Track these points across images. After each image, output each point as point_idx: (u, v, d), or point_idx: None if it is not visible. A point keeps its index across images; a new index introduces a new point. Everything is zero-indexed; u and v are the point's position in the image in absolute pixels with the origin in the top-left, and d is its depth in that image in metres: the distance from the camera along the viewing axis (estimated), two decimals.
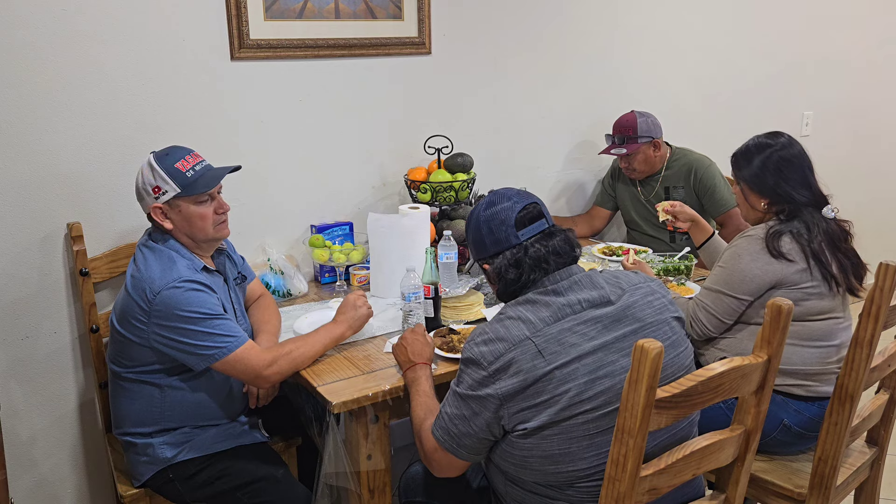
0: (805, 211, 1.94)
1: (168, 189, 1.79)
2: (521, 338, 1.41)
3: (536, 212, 1.54)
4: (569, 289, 1.47)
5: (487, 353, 1.41)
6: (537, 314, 1.44)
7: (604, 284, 1.49)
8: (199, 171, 1.82)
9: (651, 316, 1.48)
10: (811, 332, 1.91)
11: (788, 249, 1.89)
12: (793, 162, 1.98)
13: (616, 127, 2.89)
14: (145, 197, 1.82)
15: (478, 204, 1.60)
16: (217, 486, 1.84)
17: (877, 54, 4.08)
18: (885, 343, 1.85)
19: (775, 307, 1.42)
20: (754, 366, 1.41)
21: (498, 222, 1.53)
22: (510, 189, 1.60)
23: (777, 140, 2.02)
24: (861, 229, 2.67)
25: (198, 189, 1.81)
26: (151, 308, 1.72)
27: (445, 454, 1.51)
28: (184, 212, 1.81)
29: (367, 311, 1.96)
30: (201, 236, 1.85)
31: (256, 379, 1.79)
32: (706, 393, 1.34)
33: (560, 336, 1.40)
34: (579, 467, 1.40)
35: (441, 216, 2.61)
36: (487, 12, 2.80)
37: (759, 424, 1.50)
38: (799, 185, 1.96)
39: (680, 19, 3.32)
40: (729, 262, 1.96)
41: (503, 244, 1.52)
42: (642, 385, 1.21)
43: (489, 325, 1.46)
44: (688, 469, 1.40)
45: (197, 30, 2.26)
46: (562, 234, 1.53)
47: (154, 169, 1.79)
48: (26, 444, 2.21)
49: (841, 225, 1.96)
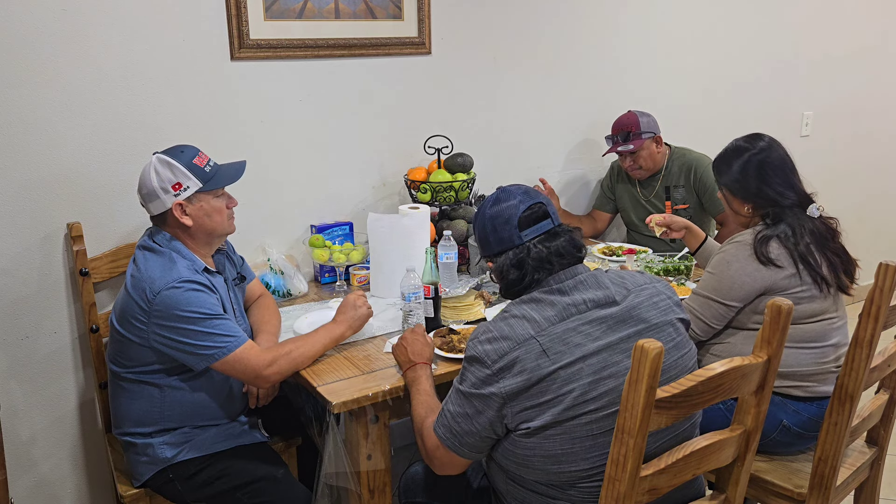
0: (790, 212, 1.92)
1: (190, 185, 1.80)
2: (525, 336, 1.40)
3: (542, 212, 1.53)
4: (574, 288, 1.47)
5: (491, 352, 1.41)
6: (542, 313, 1.43)
7: (609, 284, 1.49)
8: (214, 167, 1.86)
9: (656, 317, 1.48)
10: (805, 334, 1.90)
11: (777, 255, 1.87)
12: (773, 165, 1.95)
13: (617, 126, 2.89)
14: (161, 196, 1.80)
15: (484, 200, 1.60)
16: (217, 486, 1.84)
17: (877, 54, 4.08)
18: (885, 343, 1.85)
19: (775, 307, 1.42)
20: (754, 366, 1.41)
21: (502, 221, 1.52)
22: (518, 187, 1.59)
23: (756, 143, 2.00)
24: (861, 229, 2.68)
25: (220, 183, 1.85)
26: (151, 308, 1.72)
27: (447, 452, 1.51)
28: (204, 207, 1.83)
29: (367, 311, 1.96)
30: (219, 230, 1.88)
31: (256, 379, 1.79)
32: (706, 393, 1.34)
33: (565, 336, 1.40)
34: (582, 467, 1.40)
35: (441, 216, 2.61)
36: (487, 12, 2.80)
37: (760, 424, 1.50)
38: (781, 187, 1.94)
39: (680, 19, 3.32)
40: (718, 269, 1.95)
41: (506, 243, 1.52)
42: (642, 385, 1.21)
43: (493, 323, 1.46)
44: (688, 469, 1.40)
45: (197, 30, 2.26)
46: (566, 235, 1.52)
47: (172, 166, 1.80)
48: (26, 444, 2.21)
49: (827, 223, 1.95)
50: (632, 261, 2.56)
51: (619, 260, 2.65)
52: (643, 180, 2.98)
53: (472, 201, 2.69)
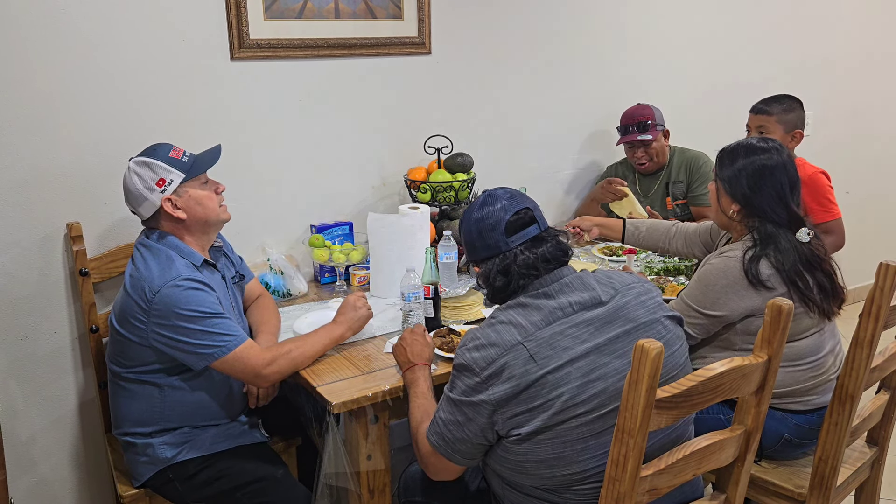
0: (780, 233, 1.84)
1: (173, 178, 1.81)
2: (512, 343, 1.40)
3: (528, 218, 1.52)
4: (559, 291, 1.47)
5: (479, 359, 1.41)
6: (528, 318, 1.43)
7: (595, 285, 1.49)
8: (191, 157, 1.86)
9: (644, 315, 1.48)
10: (800, 351, 1.86)
11: (767, 276, 1.80)
12: (774, 175, 1.85)
13: (630, 117, 2.88)
14: (148, 196, 1.81)
15: (471, 204, 1.59)
16: (217, 487, 1.84)
17: (877, 53, 4.08)
18: (885, 343, 1.85)
19: (775, 307, 1.42)
20: (754, 366, 1.41)
21: (489, 227, 1.52)
22: (504, 190, 1.57)
23: (768, 149, 1.90)
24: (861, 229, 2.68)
25: (200, 168, 1.86)
26: (150, 307, 1.72)
27: (441, 458, 1.51)
28: (193, 196, 1.84)
29: (368, 312, 1.96)
30: (213, 217, 1.88)
31: (256, 378, 1.79)
32: (706, 393, 1.34)
33: (552, 340, 1.40)
34: (575, 470, 1.40)
35: (441, 216, 2.61)
36: (487, 12, 2.79)
37: (760, 425, 1.49)
38: (773, 201, 1.85)
39: (680, 19, 3.32)
40: (705, 280, 1.86)
41: (493, 249, 1.52)
42: (642, 385, 1.21)
43: (480, 331, 1.46)
44: (688, 469, 1.40)
45: (196, 29, 2.26)
46: (553, 241, 1.52)
47: (151, 164, 1.80)
48: (26, 444, 2.21)
49: (816, 249, 1.85)
50: (632, 261, 2.56)
51: (619, 260, 2.66)
52: (643, 178, 2.98)
53: (472, 201, 2.69)
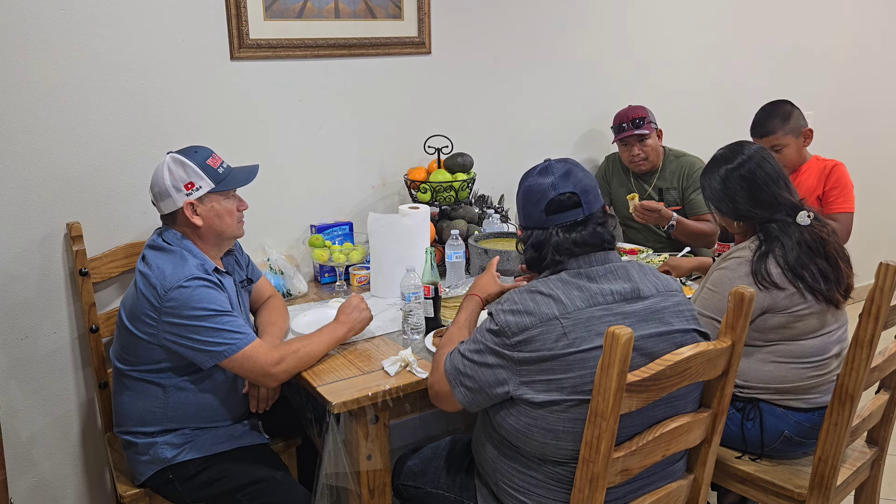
0: (781, 225, 1.85)
1: (202, 185, 1.81)
2: (550, 316, 1.41)
3: (572, 202, 1.52)
4: (602, 276, 1.48)
5: (513, 324, 1.43)
6: (569, 295, 1.44)
7: (636, 278, 1.50)
8: (227, 169, 1.87)
9: (678, 324, 1.49)
10: (805, 350, 1.87)
11: (776, 275, 1.81)
12: (755, 179, 1.86)
13: (624, 116, 2.88)
14: (173, 194, 1.81)
15: (532, 168, 1.62)
16: (217, 488, 1.84)
17: (877, 54, 4.08)
18: (885, 343, 1.85)
19: (738, 295, 1.47)
20: (719, 350, 1.46)
21: (533, 201, 1.55)
22: (564, 165, 1.57)
23: (737, 156, 1.90)
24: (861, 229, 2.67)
25: (232, 185, 1.87)
26: (162, 305, 1.72)
27: (446, 384, 1.55)
28: (215, 207, 1.84)
29: (369, 314, 1.97)
30: (228, 232, 1.88)
31: (264, 377, 1.79)
32: (674, 377, 1.39)
33: (589, 323, 1.42)
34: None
35: (441, 216, 2.61)
36: (487, 12, 2.79)
37: (724, 408, 1.55)
38: (767, 203, 1.86)
39: (679, 19, 3.32)
40: (719, 287, 1.87)
41: (532, 221, 1.56)
42: (614, 370, 1.27)
43: (520, 295, 1.47)
44: (658, 450, 1.45)
45: (196, 29, 2.26)
46: (592, 227, 1.52)
47: (186, 165, 1.80)
48: (26, 444, 2.21)
49: (818, 231, 1.85)
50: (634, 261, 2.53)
51: None
52: (638, 178, 2.98)
53: (472, 201, 2.69)
